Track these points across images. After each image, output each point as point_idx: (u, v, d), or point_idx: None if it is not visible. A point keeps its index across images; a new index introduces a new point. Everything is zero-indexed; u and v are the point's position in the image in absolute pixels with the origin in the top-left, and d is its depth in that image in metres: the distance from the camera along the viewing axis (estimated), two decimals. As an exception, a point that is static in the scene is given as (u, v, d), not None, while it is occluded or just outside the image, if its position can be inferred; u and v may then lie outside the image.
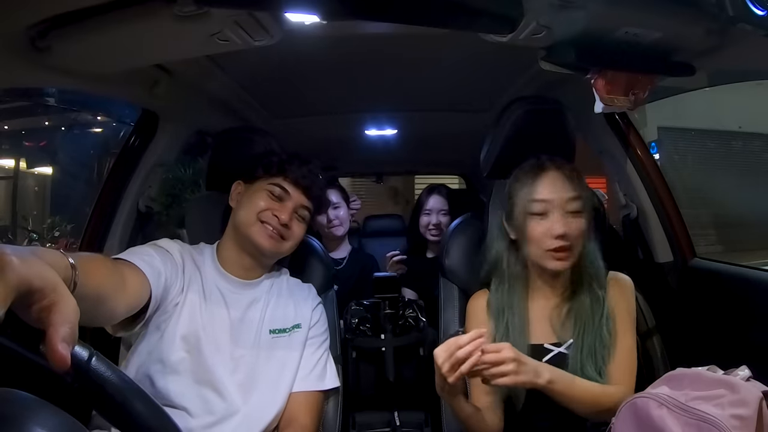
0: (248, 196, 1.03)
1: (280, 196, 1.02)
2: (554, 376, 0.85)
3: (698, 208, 6.04)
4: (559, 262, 0.93)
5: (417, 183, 6.11)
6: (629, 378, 0.93)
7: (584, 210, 0.93)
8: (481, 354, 0.78)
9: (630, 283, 1.01)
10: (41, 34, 0.75)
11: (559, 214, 0.92)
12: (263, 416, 0.94)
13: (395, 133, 1.91)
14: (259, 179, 1.04)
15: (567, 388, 0.86)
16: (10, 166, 6.47)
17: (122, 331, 0.86)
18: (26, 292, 0.39)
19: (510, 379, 0.80)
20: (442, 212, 1.95)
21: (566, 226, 0.91)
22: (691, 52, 0.88)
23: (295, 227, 1.03)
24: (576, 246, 0.93)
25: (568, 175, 0.94)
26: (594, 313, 0.95)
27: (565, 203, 0.92)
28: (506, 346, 0.81)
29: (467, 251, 1.20)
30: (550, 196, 0.93)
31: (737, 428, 0.64)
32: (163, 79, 1.10)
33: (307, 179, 1.04)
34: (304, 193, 1.04)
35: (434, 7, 0.71)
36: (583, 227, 0.93)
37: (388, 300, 1.44)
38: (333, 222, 1.93)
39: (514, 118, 1.05)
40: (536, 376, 0.83)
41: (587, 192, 0.96)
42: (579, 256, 0.95)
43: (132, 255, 0.87)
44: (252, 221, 0.99)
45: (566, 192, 0.93)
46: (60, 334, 0.39)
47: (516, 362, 0.80)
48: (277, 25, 0.80)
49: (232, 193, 1.08)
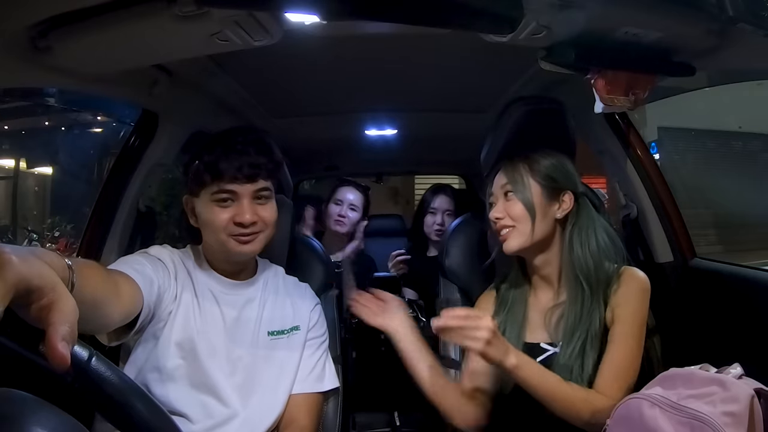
0: (202, 212, 0.95)
1: (231, 199, 0.92)
2: (522, 362, 0.85)
3: (698, 208, 6.05)
4: (504, 242, 0.99)
5: (417, 183, 6.11)
6: (617, 390, 0.85)
7: (517, 193, 0.97)
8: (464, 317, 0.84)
9: (644, 283, 0.94)
10: (41, 34, 0.74)
11: (500, 201, 1.00)
12: (263, 419, 0.94)
13: (395, 133, 1.91)
14: (202, 190, 0.94)
15: (535, 379, 0.85)
16: (10, 166, 6.47)
17: (116, 339, 0.85)
18: (25, 290, 0.39)
19: (479, 346, 0.82)
20: (448, 212, 1.95)
21: (497, 211, 0.99)
22: (691, 52, 0.88)
23: (263, 213, 0.94)
24: (518, 224, 0.97)
25: (508, 168, 1.00)
26: (584, 316, 0.93)
27: (502, 191, 1.00)
28: (488, 317, 0.85)
29: (467, 251, 1.20)
30: (493, 189, 1.02)
31: (729, 425, 0.64)
32: (162, 79, 1.10)
33: (245, 167, 0.91)
34: (250, 180, 0.92)
35: (434, 7, 0.71)
36: (520, 211, 0.96)
37: (388, 300, 1.43)
38: (341, 220, 1.93)
39: (514, 118, 1.05)
40: (504, 356, 0.84)
41: (520, 184, 0.98)
42: (568, 248, 0.97)
43: (123, 265, 0.86)
44: (223, 239, 0.93)
45: (503, 180, 1.00)
46: (59, 333, 0.39)
47: (491, 333, 0.82)
48: (277, 25, 0.80)
49: (186, 210, 0.99)
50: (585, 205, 1.00)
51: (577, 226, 0.98)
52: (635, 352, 0.90)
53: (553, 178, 0.98)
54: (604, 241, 0.98)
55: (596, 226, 0.99)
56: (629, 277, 0.94)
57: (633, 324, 0.91)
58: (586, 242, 0.97)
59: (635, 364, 0.89)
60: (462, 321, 0.84)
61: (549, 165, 0.99)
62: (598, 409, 0.83)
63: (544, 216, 0.97)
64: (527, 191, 0.97)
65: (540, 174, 0.98)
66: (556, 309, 0.99)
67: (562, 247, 0.99)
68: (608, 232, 1.00)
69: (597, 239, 0.97)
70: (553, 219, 0.98)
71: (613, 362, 0.89)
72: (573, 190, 0.99)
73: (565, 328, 0.94)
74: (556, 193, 0.98)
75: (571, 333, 0.93)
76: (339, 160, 2.48)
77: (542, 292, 1.02)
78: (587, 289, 0.94)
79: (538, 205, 0.97)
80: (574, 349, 0.91)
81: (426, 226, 1.97)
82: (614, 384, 0.87)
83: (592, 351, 0.90)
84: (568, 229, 0.99)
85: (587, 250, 0.96)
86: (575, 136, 1.09)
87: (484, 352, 0.82)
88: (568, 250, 0.98)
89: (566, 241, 0.98)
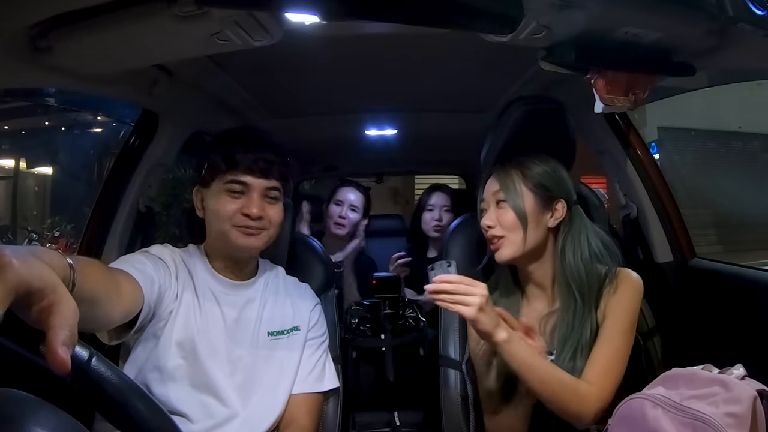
0: (211, 202, 0.96)
1: (241, 191, 0.94)
2: (512, 337, 0.84)
3: (698, 208, 6.05)
4: (496, 252, 0.98)
5: (417, 183, 6.11)
6: (605, 381, 0.86)
7: (509, 201, 0.96)
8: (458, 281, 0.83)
9: (637, 283, 0.96)
10: (41, 34, 0.74)
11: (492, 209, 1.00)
12: (263, 420, 0.94)
13: (395, 133, 1.91)
14: (214, 181, 0.96)
15: (524, 357, 0.84)
16: (10, 166, 6.47)
17: (116, 338, 0.85)
18: (25, 292, 0.39)
19: (471, 312, 0.81)
20: (445, 208, 1.96)
21: (489, 219, 0.99)
22: (691, 52, 0.88)
23: (270, 212, 0.96)
24: (509, 234, 0.96)
25: (500, 174, 1.00)
26: (575, 326, 0.93)
27: (494, 199, 0.99)
28: (483, 286, 0.84)
29: (467, 251, 1.20)
30: (485, 195, 1.02)
31: (731, 426, 0.64)
32: (162, 79, 1.10)
33: (260, 162, 0.95)
34: (264, 176, 0.95)
35: (434, 7, 0.71)
36: (512, 220, 0.96)
37: (388, 300, 1.44)
38: (341, 220, 1.93)
39: (514, 118, 1.05)
40: (495, 328, 0.83)
41: (512, 192, 0.97)
42: (560, 257, 0.96)
43: (124, 263, 0.86)
44: (227, 229, 0.94)
45: (495, 187, 0.99)
46: (60, 338, 0.39)
47: (484, 299, 0.82)
48: (277, 25, 0.80)
49: (195, 202, 1.00)
50: (577, 213, 1.00)
51: (570, 234, 0.98)
52: (624, 348, 0.91)
53: (545, 186, 0.97)
54: (598, 247, 0.98)
55: (589, 233, 0.98)
56: (623, 278, 0.95)
57: (623, 320, 0.92)
58: (579, 250, 0.96)
59: (623, 360, 0.90)
60: (455, 286, 0.83)
61: (542, 172, 0.98)
62: (587, 399, 0.83)
63: (537, 225, 0.97)
64: (519, 200, 0.96)
65: (533, 181, 0.97)
66: (551, 317, 0.98)
67: (555, 255, 0.99)
68: (602, 238, 0.99)
69: (590, 246, 0.97)
70: (545, 228, 0.98)
71: (601, 355, 0.90)
72: (566, 198, 0.99)
73: (558, 333, 0.94)
74: (549, 202, 0.98)
75: (563, 342, 0.93)
76: (339, 160, 2.48)
77: (536, 300, 1.02)
78: (579, 299, 0.94)
79: (530, 215, 0.96)
80: (566, 358, 0.91)
81: (424, 223, 1.98)
82: (602, 376, 0.88)
83: (582, 360, 0.91)
84: (560, 237, 0.98)
85: (579, 258, 0.96)
86: (575, 136, 1.09)
87: (476, 318, 0.82)
88: (560, 259, 0.97)
89: (558, 250, 0.98)
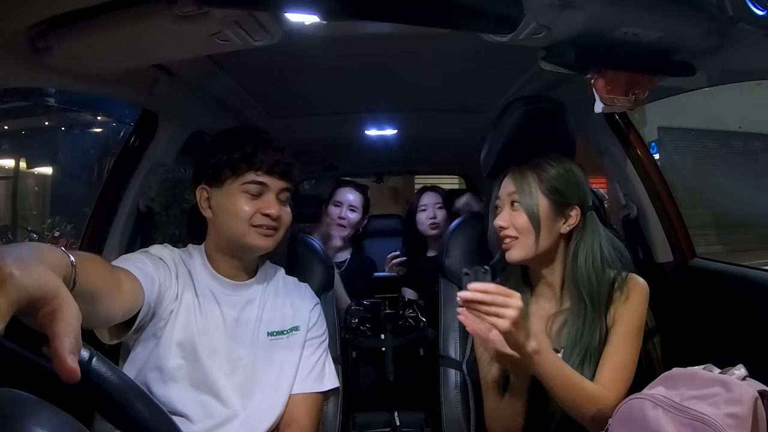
0: (225, 202, 0.95)
1: (260, 192, 0.95)
2: (543, 347, 0.83)
3: (698, 208, 6.05)
4: (507, 251, 0.98)
5: (417, 183, 6.10)
6: (619, 386, 0.88)
7: (523, 204, 0.96)
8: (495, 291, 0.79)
9: (645, 290, 0.96)
10: (41, 34, 0.74)
11: (506, 209, 0.99)
12: (263, 420, 0.94)
13: (395, 133, 1.91)
14: (227, 180, 0.95)
15: (554, 367, 0.84)
16: (10, 166, 6.47)
17: (116, 338, 0.85)
18: (27, 302, 0.39)
19: (505, 325, 0.78)
20: (438, 206, 1.99)
21: (502, 219, 0.98)
22: (691, 52, 0.88)
23: (283, 212, 0.97)
24: (521, 236, 0.96)
25: (516, 175, 0.99)
26: (585, 332, 0.93)
27: (509, 199, 0.98)
28: (518, 295, 0.80)
29: (467, 251, 1.20)
30: (500, 194, 1.01)
31: (732, 427, 0.64)
32: (162, 79, 1.10)
33: (280, 165, 0.96)
34: (281, 178, 0.97)
35: (434, 7, 0.71)
36: (525, 223, 0.95)
37: (388, 300, 1.44)
38: (341, 221, 1.93)
39: (514, 118, 1.05)
40: (527, 340, 0.81)
41: (527, 195, 0.96)
42: (572, 263, 0.96)
43: (124, 262, 0.86)
44: (245, 230, 0.94)
45: (511, 188, 0.98)
46: (66, 346, 0.39)
47: (519, 312, 0.78)
48: (277, 25, 0.80)
49: (199, 201, 0.98)
50: (591, 219, 0.99)
51: (583, 240, 0.97)
52: (634, 353, 0.92)
53: (560, 191, 0.96)
54: (610, 253, 0.97)
55: (602, 240, 0.98)
56: (633, 285, 0.96)
57: (633, 327, 0.93)
58: (591, 257, 0.96)
59: (633, 364, 0.91)
60: (493, 297, 0.78)
61: (556, 174, 0.97)
62: (603, 405, 0.83)
63: (550, 230, 0.96)
64: (533, 204, 0.95)
65: (547, 185, 0.96)
66: (558, 316, 0.98)
67: (566, 259, 0.98)
68: (614, 244, 0.99)
69: (602, 252, 0.97)
70: (558, 233, 0.97)
71: (613, 361, 0.90)
72: (580, 204, 0.97)
73: (567, 338, 0.94)
74: (563, 208, 0.97)
75: (571, 347, 0.93)
76: (339, 160, 2.48)
77: (544, 300, 1.02)
78: (589, 304, 0.94)
79: (543, 219, 0.95)
80: (574, 363, 0.91)
81: (420, 224, 1.99)
82: (615, 381, 0.89)
83: (590, 366, 0.91)
84: (573, 242, 0.98)
85: (591, 265, 0.96)
86: (575, 136, 1.09)
87: (510, 332, 0.78)
88: (572, 263, 0.97)
89: (570, 254, 0.98)
